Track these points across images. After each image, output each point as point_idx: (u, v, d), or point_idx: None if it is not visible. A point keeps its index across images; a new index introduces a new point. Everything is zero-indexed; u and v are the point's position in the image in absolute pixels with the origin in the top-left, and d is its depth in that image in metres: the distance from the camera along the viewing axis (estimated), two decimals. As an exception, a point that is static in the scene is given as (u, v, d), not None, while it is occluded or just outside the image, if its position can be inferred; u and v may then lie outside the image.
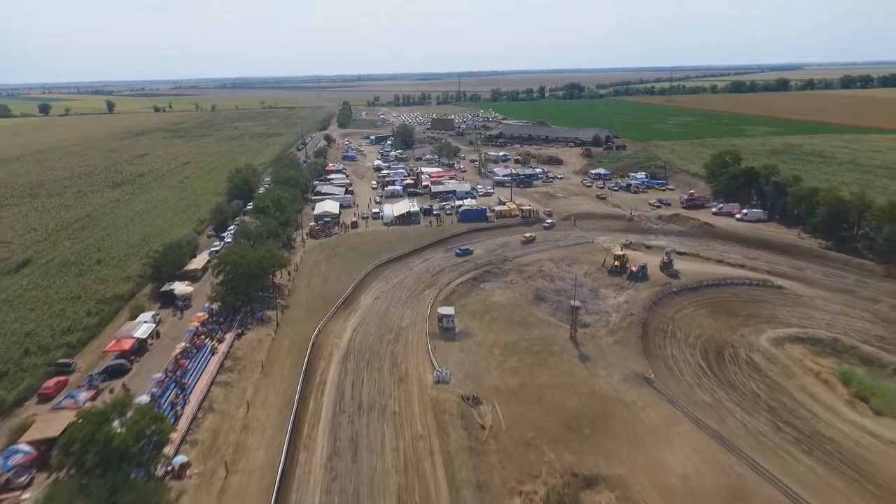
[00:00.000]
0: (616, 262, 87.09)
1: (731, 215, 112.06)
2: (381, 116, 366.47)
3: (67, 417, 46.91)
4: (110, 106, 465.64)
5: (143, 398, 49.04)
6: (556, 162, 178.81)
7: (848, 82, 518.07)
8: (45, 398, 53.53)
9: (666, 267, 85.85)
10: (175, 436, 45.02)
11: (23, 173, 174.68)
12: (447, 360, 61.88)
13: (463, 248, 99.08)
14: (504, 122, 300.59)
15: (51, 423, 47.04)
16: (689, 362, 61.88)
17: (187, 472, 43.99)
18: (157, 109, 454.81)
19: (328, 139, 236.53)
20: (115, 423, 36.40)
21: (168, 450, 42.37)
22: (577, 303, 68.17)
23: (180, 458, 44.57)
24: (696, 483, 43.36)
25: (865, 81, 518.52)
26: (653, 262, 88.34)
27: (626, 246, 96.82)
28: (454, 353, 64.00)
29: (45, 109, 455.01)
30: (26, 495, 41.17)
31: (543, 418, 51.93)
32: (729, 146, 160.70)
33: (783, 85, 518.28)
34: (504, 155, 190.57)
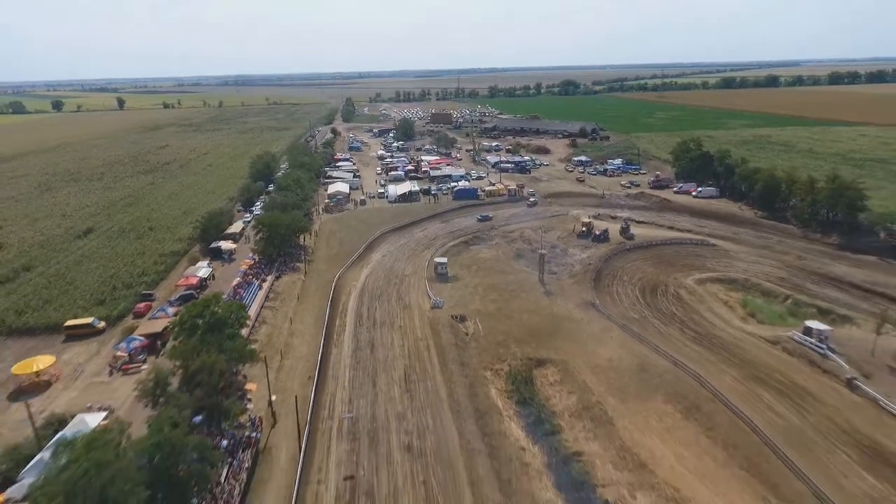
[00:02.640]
0: (583, 228, 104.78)
1: (688, 193, 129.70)
2: (383, 112, 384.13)
3: (163, 322, 65.17)
4: (121, 103, 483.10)
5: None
6: (544, 151, 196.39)
7: (836, 79, 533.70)
8: (137, 315, 71.23)
9: (624, 231, 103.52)
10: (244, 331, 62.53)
11: (60, 162, 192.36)
12: (441, 294, 79.46)
13: (484, 215, 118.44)
14: (499, 116, 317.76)
15: (152, 324, 65.09)
16: (628, 295, 79.54)
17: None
18: (166, 106, 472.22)
19: (334, 132, 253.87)
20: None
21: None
22: (544, 251, 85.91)
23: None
24: (617, 363, 60.96)
25: (853, 78, 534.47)
26: (615, 228, 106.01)
27: (595, 217, 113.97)
28: (446, 290, 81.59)
29: (58, 106, 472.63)
30: (145, 366, 58.89)
31: (512, 329, 69.48)
32: (703, 136, 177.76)
33: (772, 81, 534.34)
34: (496, 145, 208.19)
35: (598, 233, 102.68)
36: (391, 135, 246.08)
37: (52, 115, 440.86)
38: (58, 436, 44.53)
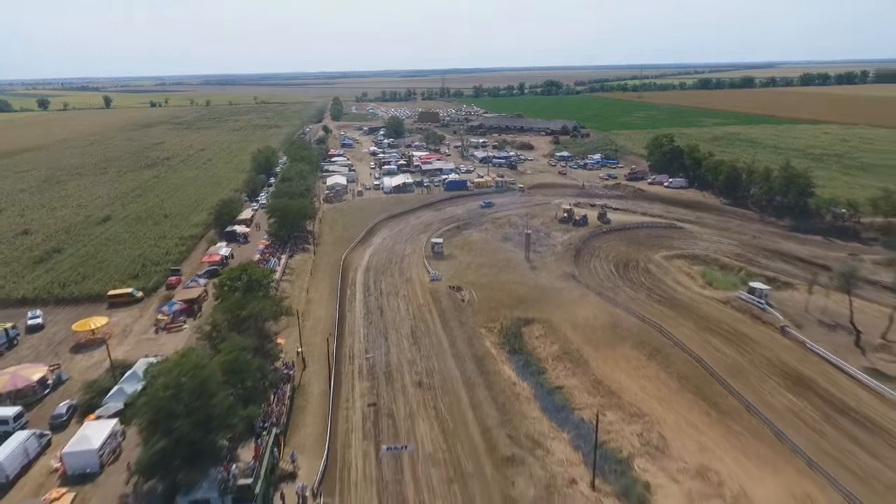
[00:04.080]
0: (565, 214, 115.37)
1: (660, 184, 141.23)
2: (371, 111, 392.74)
3: (197, 290, 74.31)
4: (107, 101, 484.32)
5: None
6: (528, 147, 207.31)
7: (807, 80, 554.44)
8: (170, 287, 79.95)
9: (601, 217, 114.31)
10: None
11: (61, 157, 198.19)
12: (438, 269, 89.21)
13: (487, 201, 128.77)
14: (485, 115, 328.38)
15: (188, 292, 74.25)
16: (603, 269, 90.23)
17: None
18: (153, 105, 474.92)
19: (326, 130, 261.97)
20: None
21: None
22: (529, 231, 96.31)
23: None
24: (593, 320, 71.26)
25: (823, 79, 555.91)
26: (593, 214, 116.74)
27: (575, 205, 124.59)
28: (443, 266, 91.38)
29: (44, 104, 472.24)
30: (185, 325, 67.96)
31: (502, 297, 79.40)
32: (678, 133, 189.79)
33: (748, 82, 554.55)
34: (483, 142, 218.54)
35: (577, 218, 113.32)
36: (381, 132, 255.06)
37: (40, 113, 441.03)
38: (129, 372, 53.83)
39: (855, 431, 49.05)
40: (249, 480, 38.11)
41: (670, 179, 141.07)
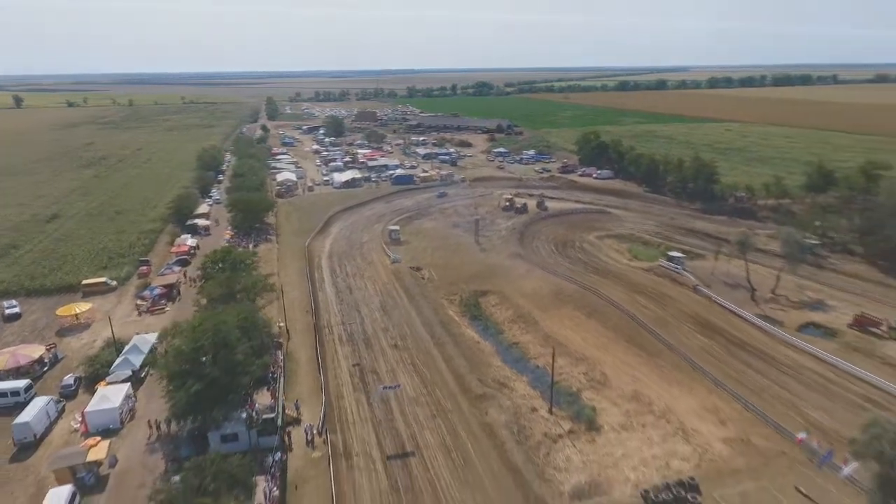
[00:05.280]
0: (507, 203, 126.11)
1: (590, 175, 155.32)
2: (306, 110, 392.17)
3: (174, 276, 78.56)
4: (18, 101, 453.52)
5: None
6: (467, 145, 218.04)
7: (713, 83, 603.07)
8: (141, 275, 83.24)
9: (540, 205, 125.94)
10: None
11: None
12: (397, 253, 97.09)
13: (441, 192, 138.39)
14: (421, 114, 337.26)
15: (165, 278, 78.32)
16: (545, 248, 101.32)
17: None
18: (70, 104, 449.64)
19: (265, 129, 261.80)
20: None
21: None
22: (478, 217, 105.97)
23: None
24: (539, 290, 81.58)
25: (727, 82, 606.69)
26: (532, 203, 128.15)
27: (515, 195, 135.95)
28: (401, 251, 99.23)
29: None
30: (167, 308, 72.29)
31: (458, 275, 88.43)
32: (602, 131, 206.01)
33: (661, 85, 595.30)
34: (423, 140, 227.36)
35: (518, 206, 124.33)
36: (321, 131, 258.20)
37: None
38: (129, 345, 58.54)
39: (750, 360, 61.64)
40: (272, 415, 44.82)
41: (598, 171, 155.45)
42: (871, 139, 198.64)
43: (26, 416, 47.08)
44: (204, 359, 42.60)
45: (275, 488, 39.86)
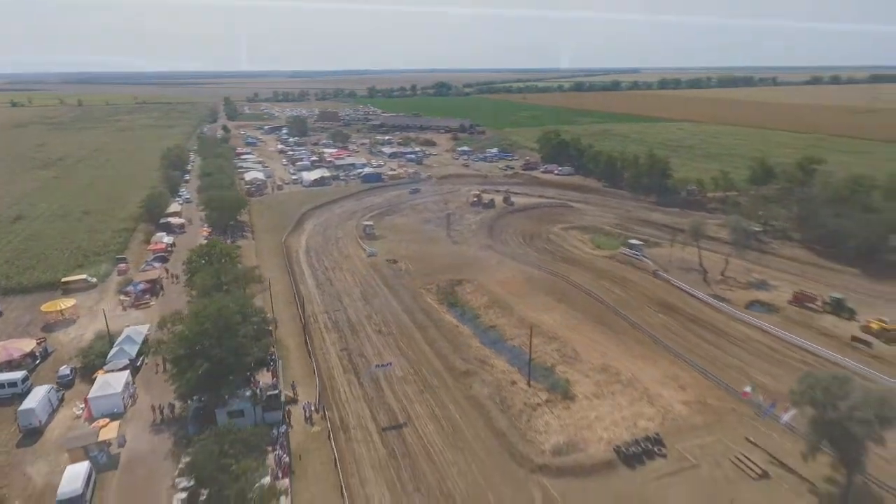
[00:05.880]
0: (475, 198, 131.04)
1: (551, 172, 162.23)
2: (266, 111, 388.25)
3: (156, 272, 79.88)
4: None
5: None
6: (431, 144, 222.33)
7: (663, 84, 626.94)
8: (120, 272, 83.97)
9: (506, 200, 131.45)
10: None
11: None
12: (373, 247, 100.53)
13: (414, 189, 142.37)
14: (384, 114, 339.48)
15: (147, 274, 79.52)
16: (514, 240, 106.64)
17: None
18: (14, 104, 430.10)
19: (226, 129, 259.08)
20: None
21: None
22: (450, 212, 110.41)
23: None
24: (511, 278, 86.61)
25: (676, 84, 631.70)
26: (499, 199, 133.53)
27: (483, 191, 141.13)
28: (376, 245, 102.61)
29: None
30: (152, 303, 73.76)
31: (434, 266, 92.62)
32: (561, 130, 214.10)
33: (615, 86, 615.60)
34: (388, 139, 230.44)
35: (486, 202, 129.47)
36: (284, 131, 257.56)
37: None
38: (122, 336, 60.33)
39: (704, 334, 68.19)
40: (275, 392, 47.93)
41: (559, 168, 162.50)
42: (807, 137, 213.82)
43: (31, 402, 48.62)
44: (208, 343, 45.31)
45: (285, 455, 43.11)
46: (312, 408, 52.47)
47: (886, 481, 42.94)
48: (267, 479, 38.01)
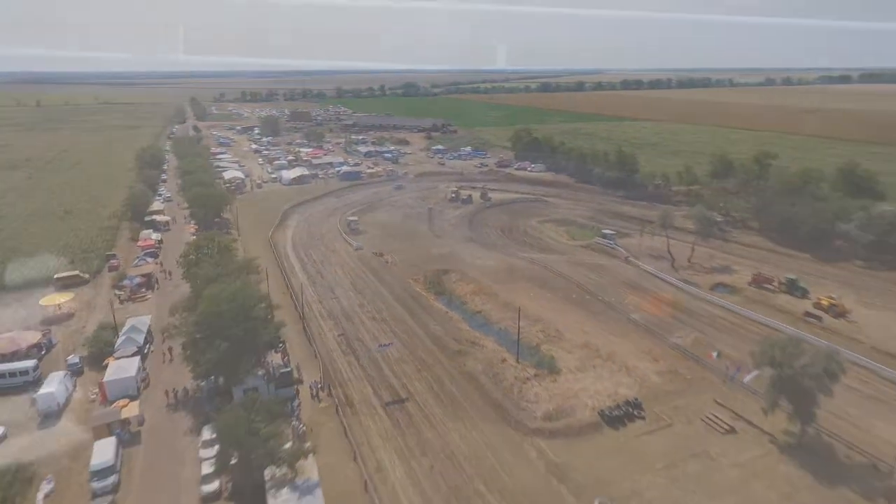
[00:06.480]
0: (453, 194, 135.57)
1: (525, 169, 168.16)
2: (234, 111, 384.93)
3: (149, 267, 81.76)
4: None
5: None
6: (405, 143, 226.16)
7: (626, 85, 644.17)
8: (112, 268, 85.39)
9: (484, 195, 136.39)
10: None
11: None
12: (358, 241, 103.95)
13: (398, 184, 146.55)
14: (354, 114, 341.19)
15: (141, 269, 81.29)
16: (494, 233, 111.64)
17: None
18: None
19: (197, 129, 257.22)
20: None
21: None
22: (432, 206, 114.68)
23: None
24: (494, 268, 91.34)
25: (638, 84, 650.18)
26: (476, 195, 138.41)
27: (460, 188, 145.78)
28: (361, 239, 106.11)
29: None
30: (148, 296, 75.83)
31: (419, 258, 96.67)
32: (531, 129, 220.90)
33: (580, 86, 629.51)
34: (363, 139, 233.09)
35: (464, 197, 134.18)
36: (256, 131, 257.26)
37: None
38: (127, 326, 62.62)
39: (674, 313, 74.23)
40: (287, 369, 51.32)
41: (532, 165, 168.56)
42: (761, 134, 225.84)
43: (50, 386, 50.80)
44: (225, 324, 48.43)
45: (301, 425, 46.65)
46: (318, 386, 55.95)
47: (835, 431, 49.12)
48: (290, 444, 41.53)
